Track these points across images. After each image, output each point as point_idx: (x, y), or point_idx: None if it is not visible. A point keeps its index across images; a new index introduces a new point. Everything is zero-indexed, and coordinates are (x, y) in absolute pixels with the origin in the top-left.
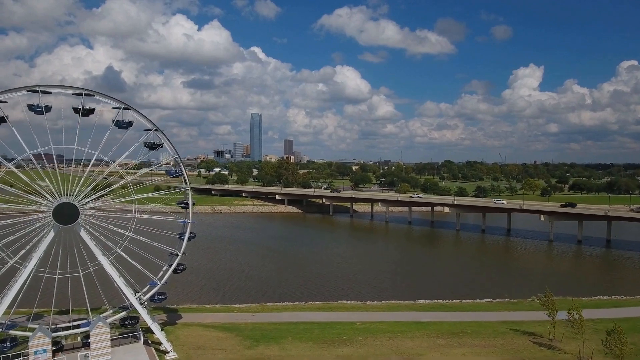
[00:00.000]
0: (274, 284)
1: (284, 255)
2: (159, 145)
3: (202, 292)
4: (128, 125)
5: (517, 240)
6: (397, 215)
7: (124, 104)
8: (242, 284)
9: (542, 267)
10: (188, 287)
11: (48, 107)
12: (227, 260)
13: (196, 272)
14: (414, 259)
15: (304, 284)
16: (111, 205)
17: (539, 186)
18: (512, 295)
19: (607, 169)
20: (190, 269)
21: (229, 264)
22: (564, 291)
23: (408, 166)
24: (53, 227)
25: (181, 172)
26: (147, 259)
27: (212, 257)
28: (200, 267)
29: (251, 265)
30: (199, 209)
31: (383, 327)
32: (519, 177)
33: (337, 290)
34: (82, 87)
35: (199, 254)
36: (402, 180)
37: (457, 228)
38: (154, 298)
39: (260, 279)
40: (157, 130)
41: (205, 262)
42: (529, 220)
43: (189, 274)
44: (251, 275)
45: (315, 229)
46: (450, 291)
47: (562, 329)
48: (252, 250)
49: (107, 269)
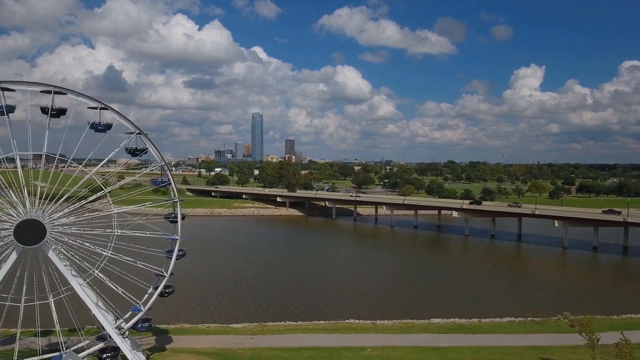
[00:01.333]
0: (274, 298)
1: (285, 263)
2: (142, 151)
3: (197, 305)
4: (106, 127)
5: (530, 247)
6: (402, 219)
7: (101, 103)
8: (239, 297)
9: (560, 278)
10: (180, 300)
11: (11, 107)
12: (223, 268)
13: (190, 281)
14: (424, 268)
15: (306, 297)
16: (87, 220)
17: (546, 188)
18: (534, 313)
19: (611, 170)
20: (184, 277)
21: (226, 273)
22: (589, 307)
23: (410, 166)
24: (15, 249)
25: (169, 182)
26: (130, 282)
27: (208, 264)
28: (194, 275)
29: (249, 274)
30: (198, 212)
31: (397, 355)
32: (524, 178)
33: (342, 305)
34: (51, 84)
35: (193, 261)
36: (406, 182)
37: (466, 233)
38: (137, 326)
39: (259, 291)
40: (140, 133)
41: (199, 270)
42: (540, 225)
43: (182, 284)
44: (249, 287)
45: (317, 233)
46: (467, 307)
47: (602, 357)
48: (251, 257)
49: (81, 294)
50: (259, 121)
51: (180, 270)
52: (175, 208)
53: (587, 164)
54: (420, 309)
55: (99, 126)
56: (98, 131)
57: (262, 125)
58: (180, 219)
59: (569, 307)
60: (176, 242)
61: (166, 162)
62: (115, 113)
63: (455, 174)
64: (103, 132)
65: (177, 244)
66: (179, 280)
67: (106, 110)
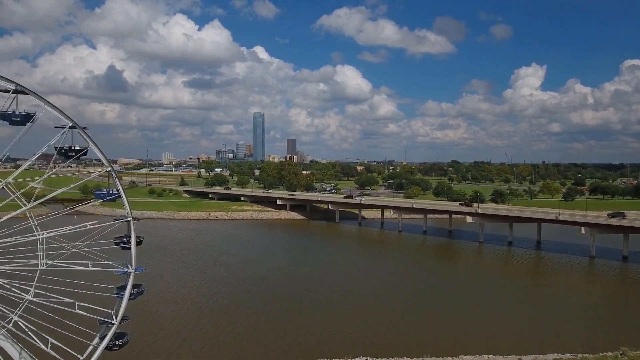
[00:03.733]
0: (268, 329)
1: (282, 281)
2: (80, 152)
3: (175, 338)
4: (25, 119)
5: (552, 256)
6: (409, 223)
7: (18, 85)
8: (225, 328)
9: (602, 298)
10: (153, 328)
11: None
12: (210, 286)
13: (170, 302)
14: (440, 284)
15: (307, 327)
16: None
17: (558, 190)
18: (584, 346)
19: (618, 170)
20: (161, 299)
21: (214, 294)
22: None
23: (413, 166)
24: None
25: (117, 194)
26: (63, 333)
27: (192, 280)
28: (174, 294)
29: (239, 297)
30: (193, 215)
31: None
32: (531, 179)
33: (350, 337)
34: None
35: (175, 276)
36: (411, 183)
37: (481, 240)
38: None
39: (248, 319)
40: (75, 127)
41: (181, 287)
42: (560, 231)
43: (157, 307)
44: (239, 317)
45: (320, 240)
46: (500, 338)
47: None
48: (242, 272)
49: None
50: (261, 121)
51: (155, 282)
52: (128, 229)
53: (592, 164)
54: (445, 341)
55: (15, 116)
56: (14, 123)
57: (264, 125)
58: (136, 244)
59: (625, 338)
60: (130, 275)
61: (112, 167)
62: (38, 98)
63: (460, 174)
64: (22, 125)
65: (130, 278)
66: (142, 319)
67: (24, 95)
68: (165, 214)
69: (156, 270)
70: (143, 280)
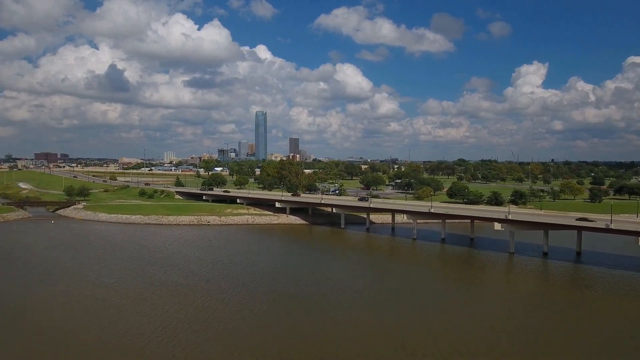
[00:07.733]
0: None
1: (277, 312)
2: None
3: None
4: None
5: (598, 271)
6: (424, 229)
7: None
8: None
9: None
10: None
11: None
12: (188, 319)
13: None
14: (488, 319)
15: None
16: None
17: (581, 190)
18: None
19: (628, 168)
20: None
21: (192, 334)
22: None
23: (418, 165)
24: None
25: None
26: None
27: (161, 312)
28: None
29: (222, 339)
30: (182, 220)
31: None
32: (544, 177)
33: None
34: None
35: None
36: (422, 183)
37: (511, 250)
38: None
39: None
40: None
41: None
42: (601, 240)
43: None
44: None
45: (322, 251)
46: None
47: None
48: (228, 300)
49: None
50: (263, 119)
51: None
52: None
53: (602, 162)
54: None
55: None
56: None
57: (266, 123)
58: None
59: None
60: None
61: None
62: None
63: (469, 173)
64: None
65: None
66: None
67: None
68: (151, 218)
69: None
70: None
